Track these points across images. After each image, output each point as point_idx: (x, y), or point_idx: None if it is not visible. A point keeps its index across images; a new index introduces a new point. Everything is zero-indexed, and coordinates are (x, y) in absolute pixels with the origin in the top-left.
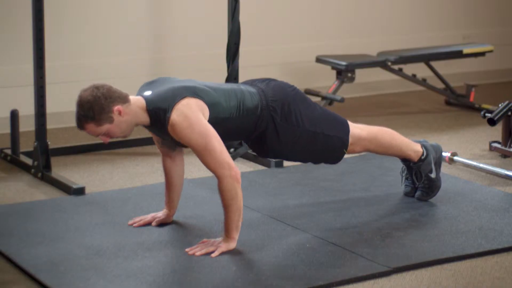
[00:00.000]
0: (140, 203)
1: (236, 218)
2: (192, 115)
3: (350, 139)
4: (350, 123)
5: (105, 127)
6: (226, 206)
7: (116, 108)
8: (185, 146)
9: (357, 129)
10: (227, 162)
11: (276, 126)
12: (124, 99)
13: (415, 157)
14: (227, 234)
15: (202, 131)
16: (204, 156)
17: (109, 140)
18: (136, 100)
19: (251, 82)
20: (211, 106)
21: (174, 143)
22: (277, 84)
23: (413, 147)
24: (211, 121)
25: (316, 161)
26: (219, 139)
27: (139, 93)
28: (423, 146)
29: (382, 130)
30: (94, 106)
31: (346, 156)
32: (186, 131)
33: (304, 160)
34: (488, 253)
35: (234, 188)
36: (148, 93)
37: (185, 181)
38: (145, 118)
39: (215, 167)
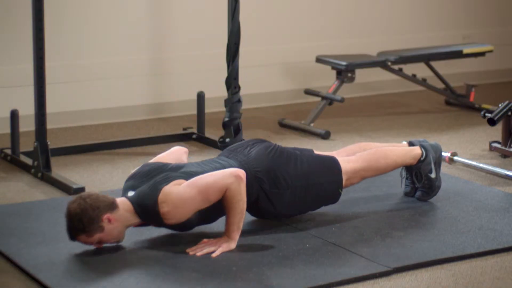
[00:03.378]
0: None
1: (238, 219)
2: (174, 197)
3: (345, 176)
4: (340, 159)
5: (96, 236)
6: (230, 208)
7: (106, 216)
8: (187, 227)
9: (349, 164)
10: (223, 175)
11: (267, 195)
12: (111, 206)
13: (414, 161)
14: (228, 234)
15: (188, 195)
16: (210, 196)
17: (102, 246)
18: (123, 204)
19: (229, 154)
20: None
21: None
22: (257, 152)
23: (410, 154)
24: None
25: (315, 209)
26: (202, 177)
27: (124, 191)
28: (422, 146)
29: (375, 153)
30: (83, 218)
31: None
32: (180, 209)
33: (304, 212)
34: (488, 253)
35: (240, 190)
36: (131, 193)
37: None
38: (135, 219)
39: (222, 189)
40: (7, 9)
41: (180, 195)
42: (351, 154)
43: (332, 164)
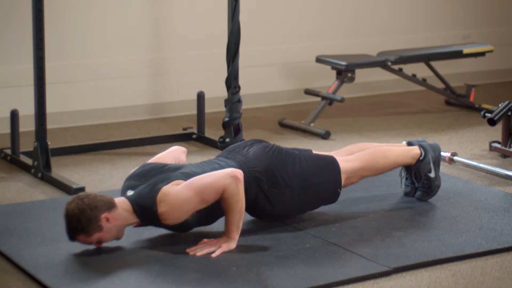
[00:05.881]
0: None
1: (237, 219)
2: (172, 197)
3: (344, 175)
4: (339, 159)
5: (96, 236)
6: (228, 209)
7: (104, 216)
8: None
9: (348, 163)
10: (220, 176)
11: (265, 194)
12: (110, 205)
13: (413, 161)
14: (227, 234)
15: (185, 195)
16: (207, 196)
17: (102, 245)
18: (122, 203)
19: (227, 154)
20: None
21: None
22: (255, 152)
23: (409, 154)
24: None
25: (314, 209)
26: (200, 177)
27: (123, 191)
28: (420, 146)
29: (373, 153)
30: (82, 219)
31: None
32: (177, 210)
33: (302, 211)
34: (488, 253)
35: (237, 190)
36: (130, 193)
37: None
38: (133, 218)
39: (219, 190)
40: (7, 9)
41: (177, 195)
42: (350, 154)
43: (331, 164)
